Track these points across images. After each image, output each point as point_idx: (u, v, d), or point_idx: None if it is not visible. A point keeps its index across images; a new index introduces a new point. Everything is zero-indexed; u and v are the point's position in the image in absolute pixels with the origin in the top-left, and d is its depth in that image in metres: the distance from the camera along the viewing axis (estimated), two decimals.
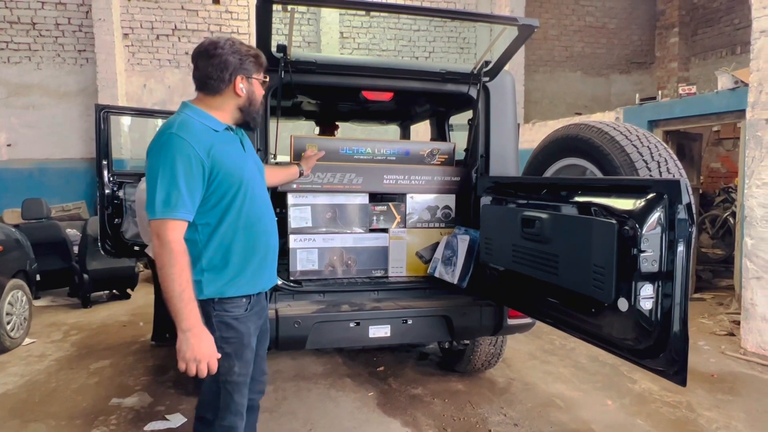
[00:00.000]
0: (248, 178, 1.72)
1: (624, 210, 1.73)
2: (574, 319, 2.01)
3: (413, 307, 2.63)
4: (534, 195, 2.31)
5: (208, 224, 1.66)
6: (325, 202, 2.79)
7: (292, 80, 2.54)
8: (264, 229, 1.77)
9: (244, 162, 1.74)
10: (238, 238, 1.70)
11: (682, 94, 5.43)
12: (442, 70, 2.76)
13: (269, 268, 1.82)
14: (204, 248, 1.67)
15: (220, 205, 1.66)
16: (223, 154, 1.65)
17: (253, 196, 1.73)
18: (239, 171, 1.69)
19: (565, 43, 10.14)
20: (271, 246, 1.82)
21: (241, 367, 1.73)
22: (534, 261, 2.18)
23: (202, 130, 1.64)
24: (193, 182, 1.58)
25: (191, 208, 1.59)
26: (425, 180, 2.90)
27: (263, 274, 1.79)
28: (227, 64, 1.67)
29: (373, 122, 4.79)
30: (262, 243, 1.76)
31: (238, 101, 1.73)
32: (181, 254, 1.55)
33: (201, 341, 1.56)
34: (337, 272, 2.82)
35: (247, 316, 1.74)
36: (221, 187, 1.65)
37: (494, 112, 2.86)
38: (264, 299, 1.88)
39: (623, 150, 2.05)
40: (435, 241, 2.94)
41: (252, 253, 1.74)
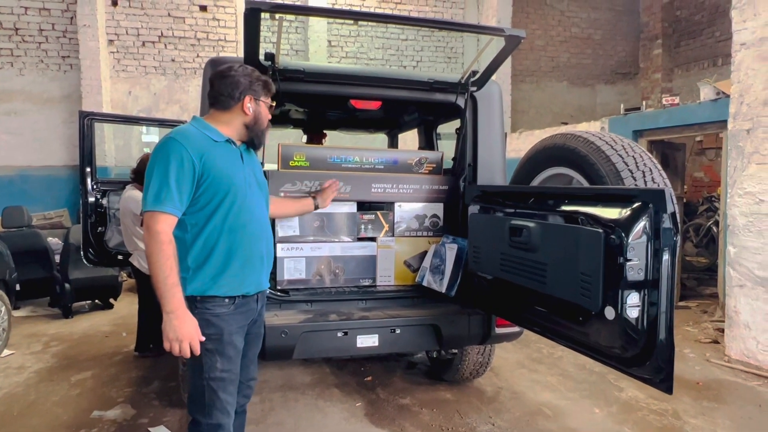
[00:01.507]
0: (238, 186, 1.84)
1: (610, 219, 1.75)
2: (562, 327, 2.02)
3: (401, 316, 2.63)
4: (521, 204, 2.33)
5: (196, 224, 1.79)
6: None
7: (280, 88, 2.53)
8: (250, 236, 1.86)
9: (236, 171, 1.85)
10: (222, 240, 1.81)
11: (665, 105, 5.53)
12: (429, 80, 2.78)
13: (254, 272, 1.90)
14: (191, 247, 1.79)
15: (208, 207, 1.79)
16: (216, 161, 1.79)
17: (242, 204, 1.84)
18: (229, 178, 1.81)
19: (552, 54, 10.30)
20: (257, 253, 1.90)
21: (224, 363, 1.82)
22: (522, 269, 2.20)
23: (200, 138, 1.80)
24: (183, 181, 1.72)
25: (179, 204, 1.73)
26: (413, 189, 2.91)
27: (246, 279, 1.87)
28: (238, 84, 1.87)
29: (361, 131, 4.81)
30: (245, 247, 1.85)
31: (244, 119, 1.89)
32: (166, 243, 1.69)
33: (183, 322, 1.69)
34: (325, 281, 2.81)
35: (230, 314, 1.83)
36: (210, 190, 1.77)
37: (482, 121, 2.89)
38: (252, 303, 1.94)
39: (609, 159, 2.08)
40: (423, 249, 2.95)
41: (234, 256, 1.83)
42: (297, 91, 2.70)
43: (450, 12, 9.41)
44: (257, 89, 1.90)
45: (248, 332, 1.97)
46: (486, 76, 2.77)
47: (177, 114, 8.04)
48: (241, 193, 1.84)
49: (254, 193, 1.92)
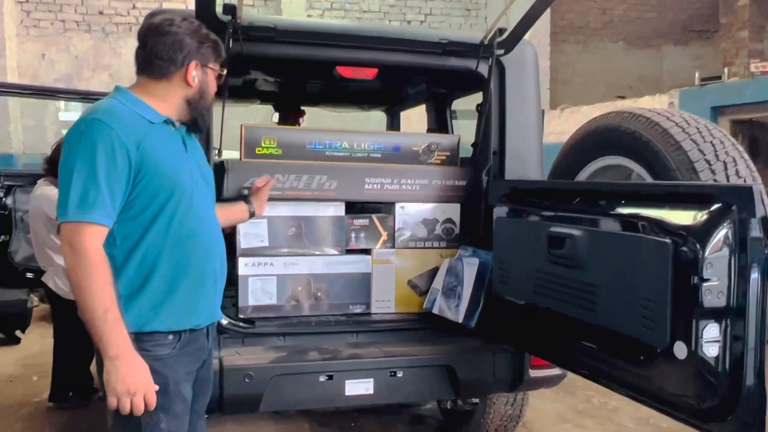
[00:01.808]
0: (185, 184, 1.82)
1: (681, 226, 1.76)
2: (617, 369, 2.02)
3: (404, 355, 2.63)
4: (564, 205, 2.33)
5: (129, 236, 1.76)
6: (286, 215, 2.79)
7: (244, 51, 2.55)
8: (200, 249, 1.87)
9: (182, 164, 1.84)
10: (165, 257, 1.79)
11: (754, 73, 5.57)
12: (442, 40, 2.79)
13: (207, 298, 1.91)
14: (122, 267, 1.76)
15: (145, 213, 1.76)
16: (157, 150, 1.76)
17: (189, 207, 1.83)
18: (174, 173, 1.80)
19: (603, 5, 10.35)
20: (210, 271, 1.91)
21: (170, 422, 1.80)
22: (564, 293, 2.20)
23: (132, 119, 1.76)
24: (116, 178, 1.68)
25: (112, 211, 1.69)
26: (420, 184, 2.91)
27: (198, 306, 1.87)
28: (182, 44, 1.82)
29: (352, 107, 4.80)
30: (195, 265, 1.85)
31: (187, 92, 1.86)
32: (100, 264, 1.64)
33: (134, 369, 1.66)
34: (303, 308, 2.81)
35: (174, 356, 1.81)
36: (149, 190, 1.75)
37: (511, 95, 2.89)
38: (203, 339, 1.94)
39: (679, 146, 2.09)
40: (433, 266, 2.95)
41: (182, 276, 1.82)
42: (266, 54, 2.70)
43: None
44: (206, 53, 1.87)
45: (197, 378, 1.95)
46: (516, 36, 2.77)
47: (106, 84, 8.04)
48: (188, 193, 1.83)
49: (202, 192, 1.91)
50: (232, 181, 2.66)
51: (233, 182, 2.65)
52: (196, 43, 1.84)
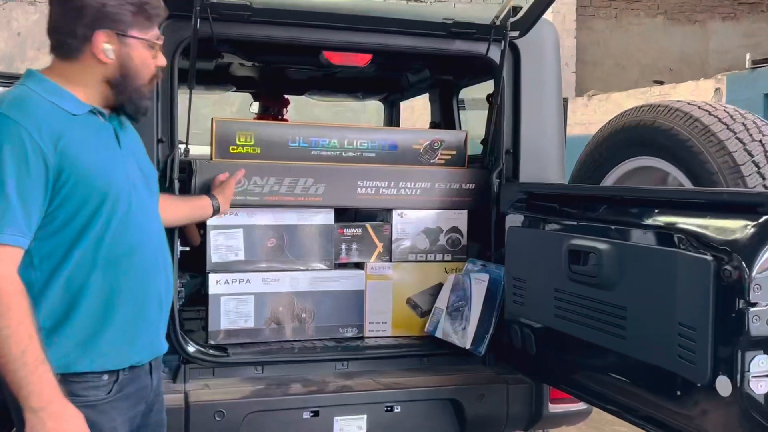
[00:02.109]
0: (119, 188, 1.73)
1: (724, 240, 1.76)
2: (650, 406, 2.03)
3: (403, 387, 2.64)
4: (588, 214, 2.35)
5: (50, 256, 1.67)
6: (266, 224, 2.80)
7: (214, 32, 2.56)
8: (141, 268, 1.79)
9: (115, 163, 1.76)
10: (96, 281, 1.70)
11: None
12: (446, 20, 2.80)
13: (150, 328, 1.84)
14: (42, 294, 1.66)
15: (70, 226, 1.67)
16: (81, 149, 1.67)
17: (126, 216, 1.74)
18: (105, 176, 1.70)
19: None
20: (153, 294, 1.83)
21: None
22: (588, 316, 2.21)
23: (48, 112, 1.65)
24: (30, 188, 1.58)
25: (26, 228, 1.59)
26: (421, 188, 2.93)
27: (138, 338, 1.79)
28: (83, 12, 1.68)
29: (343, 96, 4.82)
30: (135, 289, 1.78)
31: (104, 70, 1.74)
32: (16, 295, 1.55)
33: (64, 423, 1.56)
34: (285, 332, 2.82)
35: (110, 402, 1.73)
36: (73, 198, 1.66)
37: (527, 83, 2.91)
38: (145, 377, 1.87)
39: (723, 146, 2.10)
40: (436, 282, 2.97)
41: (117, 304, 1.73)
42: (241, 36, 2.72)
43: None
44: (121, 17, 1.70)
45: (143, 425, 1.89)
46: (534, 15, 2.78)
47: None
48: (123, 199, 1.74)
49: (142, 196, 1.83)
50: (201, 183, 2.66)
51: (202, 185, 2.65)
52: (99, 4, 1.68)
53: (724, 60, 9.95)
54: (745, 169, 2.06)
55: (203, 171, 2.68)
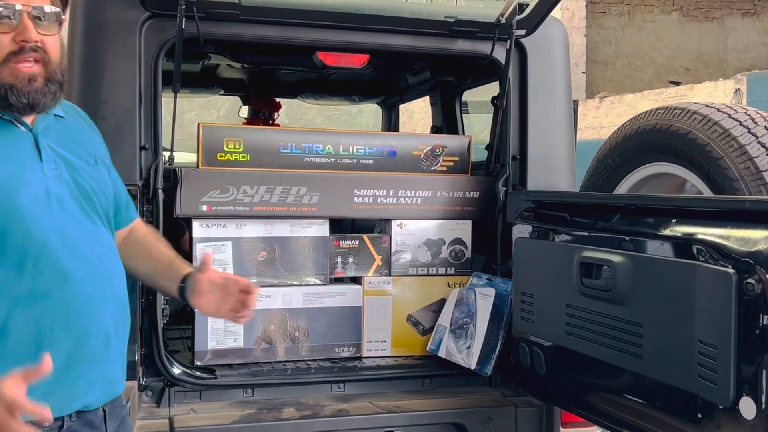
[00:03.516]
0: (28, 208, 1.60)
1: (747, 252, 1.75)
2: (668, 430, 2.02)
3: (403, 410, 2.63)
4: (600, 224, 2.35)
5: None
6: (256, 236, 2.80)
7: (200, 32, 2.56)
8: (76, 301, 1.65)
9: (22, 179, 1.61)
10: (17, 319, 1.58)
11: None
12: (448, 18, 2.80)
13: (95, 367, 1.69)
14: None
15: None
16: None
17: (47, 241, 1.61)
18: (5, 197, 1.56)
19: None
20: (96, 329, 1.68)
21: None
22: (601, 333, 2.21)
23: None
24: None
25: None
26: (422, 197, 2.93)
27: (79, 380, 1.66)
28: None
29: (339, 99, 4.83)
30: (70, 326, 1.64)
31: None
32: None
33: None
34: (277, 352, 2.81)
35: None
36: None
37: (534, 85, 2.92)
38: (99, 423, 1.73)
39: (744, 151, 2.11)
40: (439, 297, 2.97)
41: (48, 344, 1.58)
42: (229, 36, 2.72)
43: None
44: None
45: None
46: (542, 12, 2.78)
47: None
48: (40, 220, 1.60)
49: (72, 213, 1.68)
50: (187, 193, 2.64)
51: (188, 195, 2.64)
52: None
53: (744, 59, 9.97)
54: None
55: (189, 179, 2.66)
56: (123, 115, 2.46)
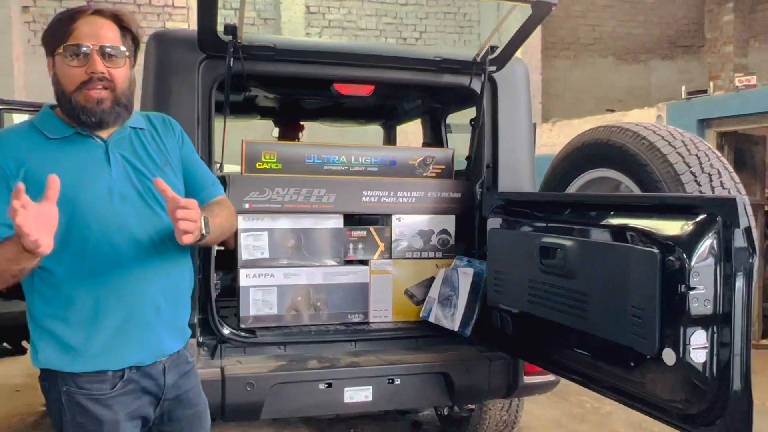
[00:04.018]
0: (91, 203, 1.57)
1: (668, 236, 1.77)
2: (609, 375, 2.03)
3: (402, 363, 2.63)
4: (555, 216, 2.36)
5: (41, 267, 1.53)
6: (286, 227, 2.80)
7: (244, 69, 2.57)
8: (129, 279, 1.62)
9: (89, 180, 1.59)
10: (86, 290, 1.58)
11: (739, 87, 5.61)
12: (436, 58, 2.81)
13: (146, 331, 1.66)
14: (39, 298, 1.59)
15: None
16: (45, 170, 1.45)
17: (108, 230, 1.58)
18: (71, 194, 1.51)
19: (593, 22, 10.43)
20: (147, 301, 1.65)
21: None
22: (556, 301, 2.22)
23: (21, 140, 1.58)
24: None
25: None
26: (416, 197, 2.93)
27: (130, 341, 1.63)
28: (44, 42, 1.62)
29: (349, 122, 4.83)
30: (125, 298, 1.62)
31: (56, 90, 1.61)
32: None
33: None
34: (303, 317, 2.82)
35: (113, 396, 1.60)
36: None
37: (503, 110, 2.92)
38: (156, 375, 1.69)
39: (666, 159, 2.11)
40: (429, 275, 2.97)
41: (107, 312, 1.59)
42: (266, 72, 2.73)
43: None
44: (49, 39, 1.61)
45: (178, 418, 1.75)
46: (508, 53, 2.80)
47: None
48: (101, 213, 1.57)
49: (134, 207, 1.64)
50: (233, 194, 2.67)
51: (235, 195, 2.66)
52: (45, 36, 1.62)
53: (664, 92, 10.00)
54: (684, 177, 2.07)
55: (235, 183, 2.68)
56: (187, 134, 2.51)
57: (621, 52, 10.50)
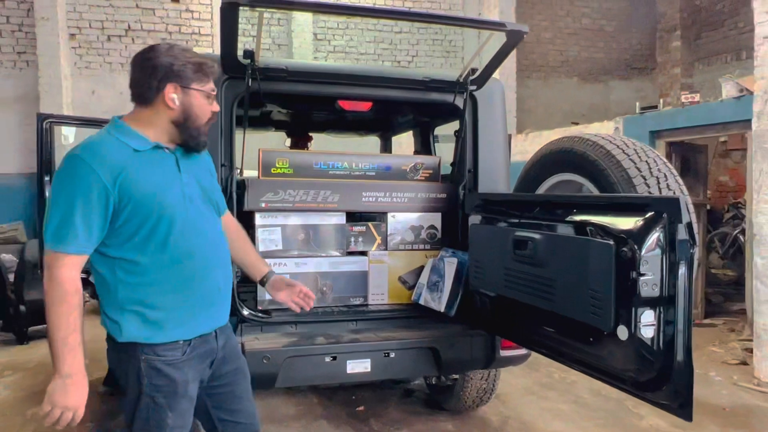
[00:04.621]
0: (173, 206, 1.65)
1: (622, 230, 1.79)
2: (572, 349, 2.05)
3: (396, 339, 2.64)
4: (526, 214, 2.36)
5: (126, 259, 1.62)
6: (297, 223, 2.81)
7: (261, 88, 2.58)
8: (200, 264, 1.71)
9: (168, 186, 1.66)
10: (165, 276, 1.65)
11: (684, 103, 5.62)
12: (425, 78, 2.82)
13: (212, 307, 1.76)
14: (123, 285, 1.63)
15: (137, 237, 1.61)
16: (138, 179, 1.59)
17: (184, 226, 1.67)
18: (158, 197, 1.62)
19: (560, 47, 10.43)
20: (212, 283, 1.75)
21: (176, 418, 1.69)
22: (528, 286, 2.23)
23: (115, 151, 1.60)
24: (91, 214, 1.54)
25: (86, 242, 1.55)
26: (408, 197, 2.94)
27: (202, 316, 1.73)
28: (156, 68, 1.62)
29: (351, 133, 4.84)
30: (196, 281, 1.70)
31: (170, 114, 1.66)
32: (70, 294, 1.53)
33: (78, 390, 1.57)
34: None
35: (184, 361, 1.69)
36: (136, 217, 1.60)
37: (482, 122, 2.93)
38: (212, 341, 1.79)
39: (620, 165, 2.12)
40: (419, 264, 2.97)
41: (183, 293, 1.68)
42: (279, 91, 2.74)
43: (448, 2, 9.53)
44: (185, 74, 1.64)
45: (223, 372, 1.85)
46: (486, 75, 2.81)
47: None
48: (179, 213, 1.65)
49: (198, 208, 1.72)
50: (252, 195, 2.69)
51: (253, 195, 2.68)
52: (169, 64, 1.63)
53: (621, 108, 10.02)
54: (636, 180, 2.08)
55: (253, 186, 2.70)
56: (211, 144, 2.50)
57: (584, 73, 10.52)
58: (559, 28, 10.40)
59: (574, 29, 10.46)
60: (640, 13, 10.54)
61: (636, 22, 10.61)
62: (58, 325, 1.52)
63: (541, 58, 10.36)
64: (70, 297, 1.53)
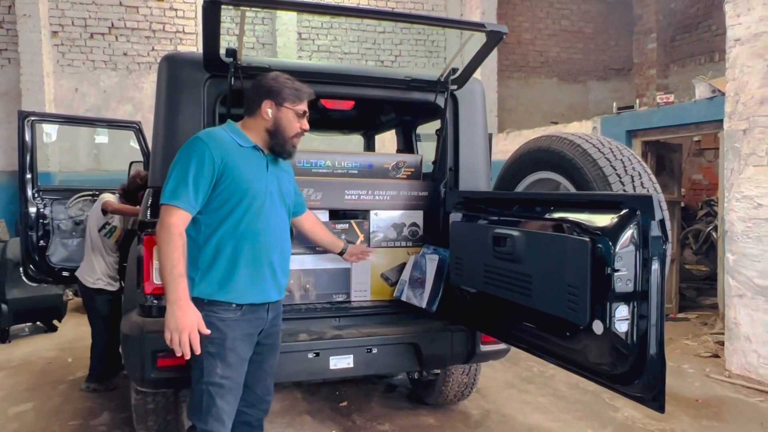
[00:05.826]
0: (257, 192, 2.01)
1: (597, 227, 1.80)
2: (550, 343, 2.06)
3: (378, 335, 2.63)
4: (505, 211, 2.37)
5: (209, 225, 1.97)
6: None
7: (243, 87, 2.55)
8: (262, 244, 2.03)
9: (257, 177, 2.02)
10: (233, 246, 1.98)
11: (660, 103, 5.69)
12: (407, 77, 2.82)
13: (263, 283, 2.05)
14: (202, 248, 1.97)
15: (223, 209, 1.97)
16: (237, 164, 1.97)
17: (258, 211, 2.01)
18: (248, 183, 1.99)
19: (540, 48, 10.50)
20: (266, 263, 2.05)
21: (224, 369, 1.97)
22: (507, 282, 2.24)
23: (225, 141, 1.99)
24: (201, 180, 1.91)
25: (194, 202, 1.92)
26: (390, 195, 2.93)
27: (252, 287, 2.02)
28: (260, 88, 2.05)
29: (334, 132, 4.82)
30: (255, 256, 2.01)
31: (265, 124, 2.05)
32: (176, 236, 1.87)
33: (185, 313, 1.86)
34: (294, 297, 2.81)
35: (235, 320, 1.99)
36: (226, 192, 1.96)
37: (463, 122, 2.93)
38: (263, 312, 2.09)
39: (596, 163, 2.14)
40: (402, 261, 2.97)
41: (240, 263, 1.99)
42: None
43: (431, 3, 9.54)
44: (282, 94, 2.03)
45: (261, 343, 2.13)
46: (467, 74, 2.82)
47: (130, 114, 7.93)
48: (259, 199, 2.00)
49: (274, 202, 2.07)
50: None
51: None
52: (269, 86, 2.03)
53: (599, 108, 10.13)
54: (611, 178, 2.10)
55: None
56: None
57: (564, 74, 10.61)
58: (539, 29, 10.47)
59: (554, 31, 10.54)
60: (617, 16, 10.67)
61: (613, 24, 10.73)
62: (168, 258, 1.85)
63: (521, 58, 10.42)
64: (175, 238, 1.87)
